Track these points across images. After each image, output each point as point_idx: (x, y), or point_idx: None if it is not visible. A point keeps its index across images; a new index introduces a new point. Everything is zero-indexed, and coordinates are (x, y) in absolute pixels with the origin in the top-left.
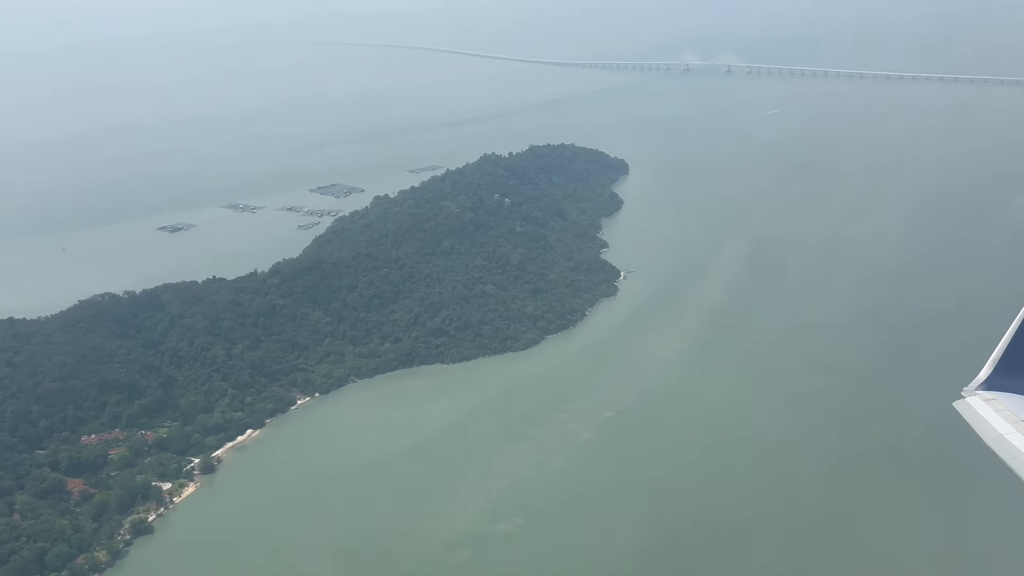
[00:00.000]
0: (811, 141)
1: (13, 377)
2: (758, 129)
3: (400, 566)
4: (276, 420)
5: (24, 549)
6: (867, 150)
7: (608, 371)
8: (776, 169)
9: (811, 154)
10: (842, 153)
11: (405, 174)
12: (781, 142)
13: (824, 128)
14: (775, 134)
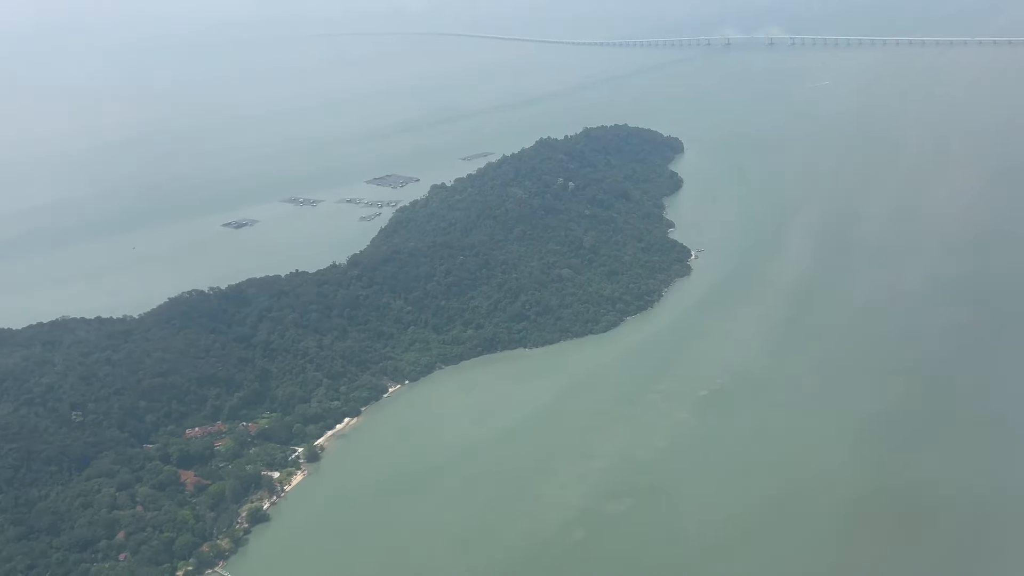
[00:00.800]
0: (867, 111)
1: (115, 374)
2: (812, 101)
3: (516, 548)
4: (371, 408)
5: (153, 539)
6: (925, 118)
7: (693, 350)
8: (836, 141)
9: (869, 124)
10: (900, 122)
11: (458, 162)
12: (837, 114)
13: (878, 97)
14: (830, 106)
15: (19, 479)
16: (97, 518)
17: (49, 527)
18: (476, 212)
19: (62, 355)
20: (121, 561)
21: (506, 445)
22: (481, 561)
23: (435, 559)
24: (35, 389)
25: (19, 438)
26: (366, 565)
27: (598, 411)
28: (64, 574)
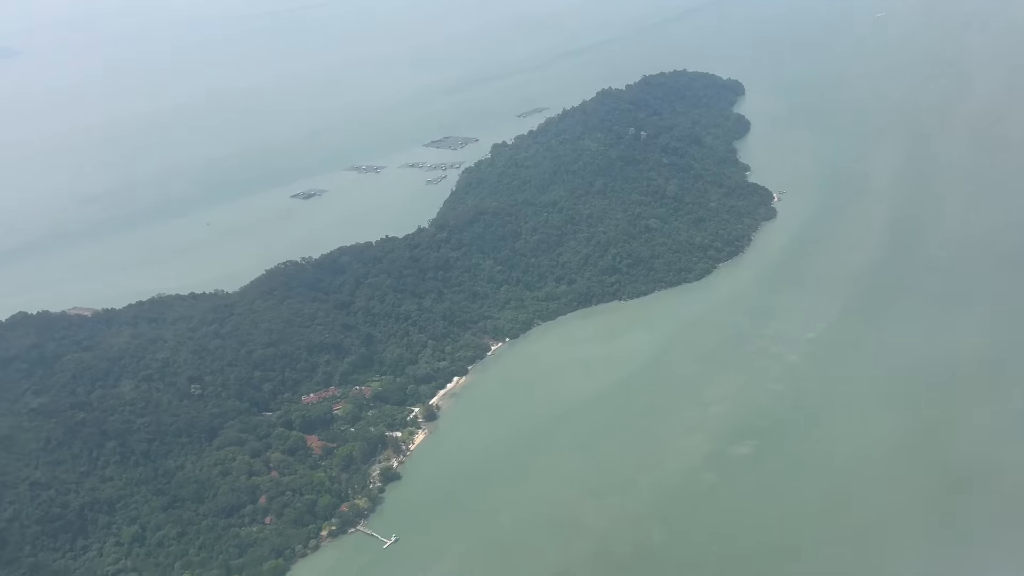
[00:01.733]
0: (930, 41)
1: (225, 347)
2: (870, 34)
3: (649, 495)
4: (478, 366)
5: (295, 502)
6: (990, 44)
7: (792, 294)
8: (902, 73)
9: (934, 54)
10: (966, 50)
11: (513, 119)
12: (899, 46)
13: (939, 27)
14: (890, 38)
15: (154, 451)
16: (238, 484)
17: (193, 495)
18: (551, 168)
19: (171, 331)
20: (267, 524)
21: (621, 395)
22: (618, 509)
23: (573, 509)
24: (152, 365)
25: (147, 412)
26: (505, 517)
27: (707, 358)
28: (215, 539)
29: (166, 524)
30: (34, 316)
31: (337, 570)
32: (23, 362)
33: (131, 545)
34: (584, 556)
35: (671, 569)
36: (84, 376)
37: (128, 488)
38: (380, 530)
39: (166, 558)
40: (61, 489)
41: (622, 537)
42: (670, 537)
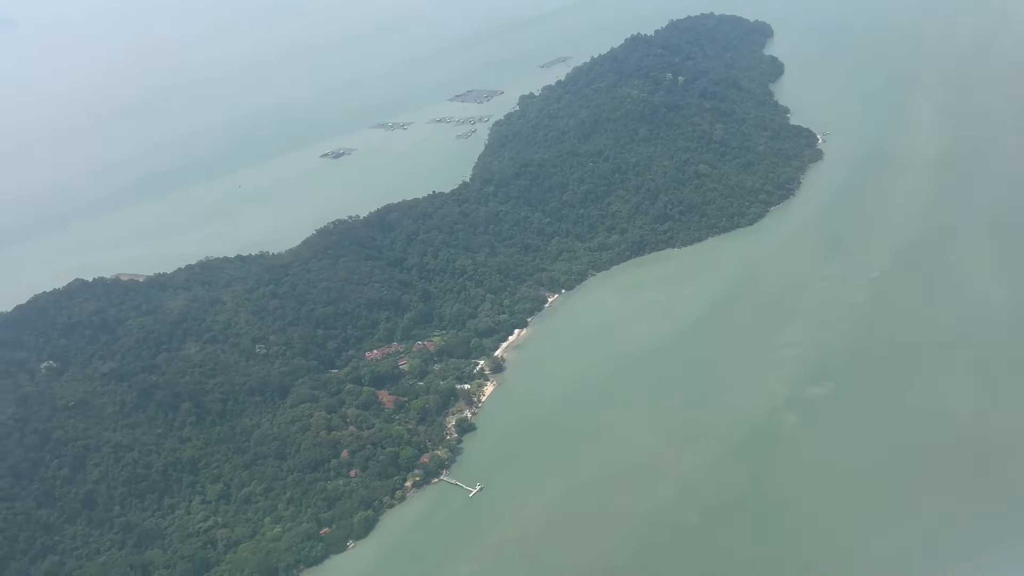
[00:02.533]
0: None
1: (285, 307)
2: None
3: (733, 438)
4: (537, 318)
5: (378, 455)
6: None
7: (850, 234)
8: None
9: None
10: None
11: (536, 70)
12: None
13: None
14: None
15: (228, 411)
16: (320, 440)
17: (275, 452)
18: (591, 117)
19: (228, 293)
20: (353, 477)
21: (688, 342)
22: (701, 454)
23: (655, 455)
24: (214, 327)
25: (217, 373)
26: (587, 464)
27: (771, 302)
28: (302, 494)
29: (251, 481)
30: (91, 283)
31: (427, 519)
32: (86, 328)
33: (217, 502)
34: (671, 501)
35: (760, 512)
36: (148, 340)
37: (207, 448)
38: (464, 479)
39: (255, 513)
40: (143, 451)
41: (708, 481)
42: (757, 480)
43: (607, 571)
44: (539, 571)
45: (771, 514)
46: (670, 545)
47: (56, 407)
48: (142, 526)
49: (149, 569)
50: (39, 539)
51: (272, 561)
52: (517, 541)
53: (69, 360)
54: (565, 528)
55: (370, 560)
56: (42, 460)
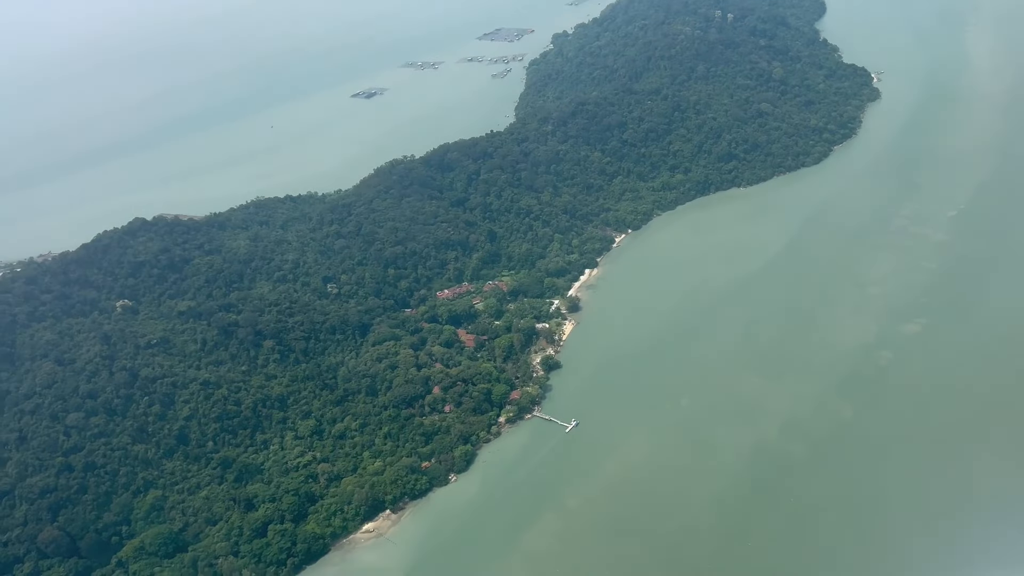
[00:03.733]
0: None
1: (352, 247)
2: None
3: (830, 374)
4: (606, 258)
5: (471, 391)
6: None
7: (918, 174)
8: None
9: None
10: None
11: (565, 7)
12: None
13: None
14: None
15: (311, 349)
16: (411, 377)
17: (367, 388)
18: (643, 55)
19: (293, 233)
20: (448, 413)
21: (768, 280)
22: (799, 389)
23: (751, 390)
24: (283, 266)
25: (296, 312)
26: (684, 398)
27: (849, 240)
28: (398, 429)
29: (344, 417)
30: (151, 222)
31: (526, 454)
32: (153, 267)
33: (311, 438)
34: (775, 434)
35: (868, 446)
36: (218, 279)
37: (294, 385)
38: (557, 415)
39: (352, 448)
40: (232, 388)
41: (812, 416)
42: (861, 415)
43: (719, 504)
44: (647, 504)
45: (880, 448)
46: (780, 478)
47: (139, 345)
48: (239, 461)
49: (253, 502)
50: (140, 474)
51: (379, 494)
52: (621, 475)
53: (138, 299)
54: (669, 462)
55: (475, 493)
56: (132, 397)
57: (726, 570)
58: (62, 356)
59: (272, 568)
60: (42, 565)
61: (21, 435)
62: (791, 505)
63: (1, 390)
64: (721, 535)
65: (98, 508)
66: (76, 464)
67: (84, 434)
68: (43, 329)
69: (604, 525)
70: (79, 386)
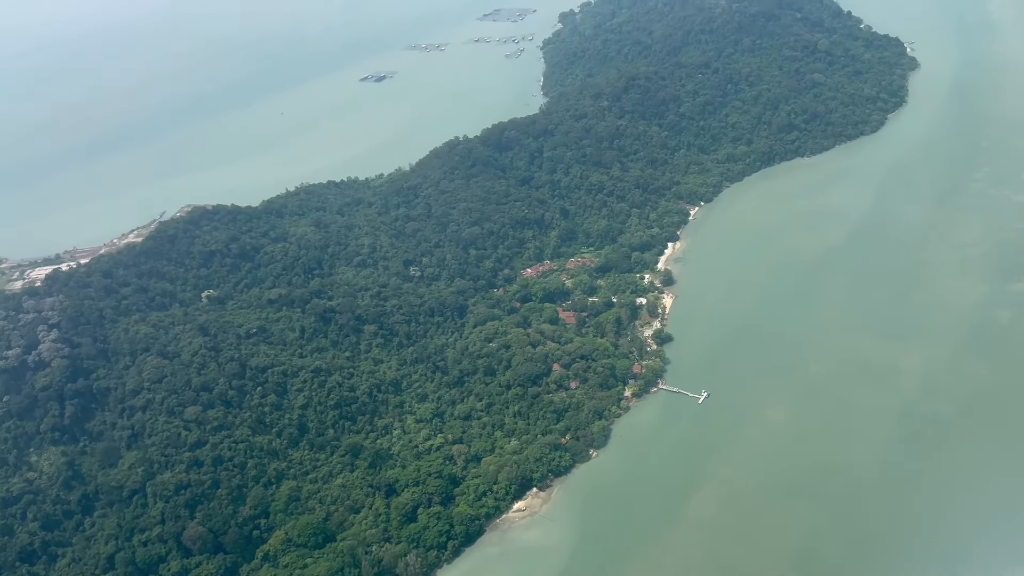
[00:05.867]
0: None
1: (426, 229)
2: None
3: (953, 333)
4: (686, 231)
5: (595, 367)
6: None
7: (981, 136)
8: None
9: None
10: None
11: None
12: None
13: None
14: None
15: (413, 332)
16: (531, 355)
17: (485, 369)
18: (679, 30)
19: (361, 217)
20: (575, 389)
21: (860, 245)
22: (927, 350)
23: (878, 353)
24: (361, 251)
25: (390, 296)
26: (811, 366)
27: (930, 205)
28: (527, 407)
29: (465, 398)
30: (211, 210)
31: (664, 426)
32: (225, 256)
33: (434, 421)
34: (918, 395)
35: (1015, 404)
36: (296, 266)
37: (404, 368)
38: (684, 387)
39: (482, 428)
40: (343, 374)
41: (950, 376)
42: (999, 373)
43: (881, 465)
44: (805, 467)
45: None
46: (936, 438)
47: (240, 335)
48: (369, 447)
49: (395, 487)
50: (270, 465)
51: (524, 472)
52: (767, 441)
53: (214, 289)
54: (814, 425)
55: (622, 467)
56: (245, 388)
57: (904, 529)
58: (164, 349)
59: (434, 552)
60: (188, 564)
61: (134, 432)
62: (954, 465)
63: (101, 387)
64: (891, 495)
65: (234, 502)
66: (204, 458)
67: (204, 428)
68: (135, 323)
69: (766, 489)
70: (191, 379)
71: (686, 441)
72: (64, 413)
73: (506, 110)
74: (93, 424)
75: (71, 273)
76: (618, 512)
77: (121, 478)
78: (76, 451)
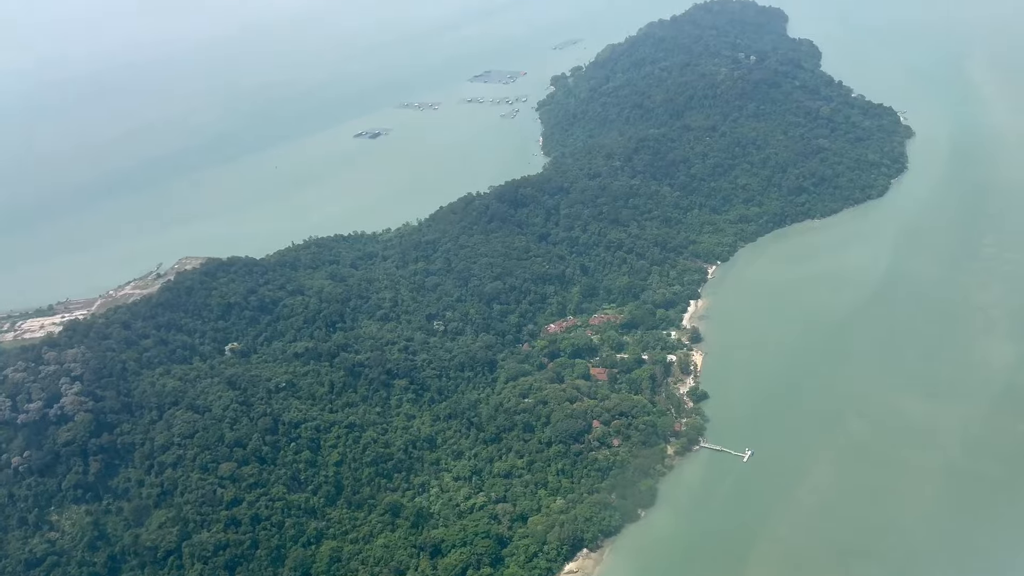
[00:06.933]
0: None
1: (446, 283)
2: None
3: (990, 393)
4: (705, 289)
5: (636, 424)
6: None
7: (986, 203)
8: None
9: None
10: None
11: (550, 52)
12: None
13: None
14: None
15: (444, 387)
16: (572, 412)
17: (522, 425)
18: (682, 94)
19: (380, 271)
20: (617, 447)
21: (884, 304)
22: (966, 409)
23: (918, 411)
24: (383, 304)
25: (417, 350)
26: (852, 423)
27: (948, 267)
28: (571, 465)
29: (504, 455)
30: (227, 262)
31: (711, 485)
32: (244, 308)
33: (473, 478)
34: (962, 453)
35: None
36: (317, 319)
37: (438, 424)
38: (727, 445)
39: (525, 487)
40: (377, 430)
41: (990, 434)
42: None
43: (935, 524)
44: (860, 526)
45: None
46: (983, 497)
47: (270, 389)
48: (409, 506)
49: (440, 548)
50: (308, 524)
51: (576, 532)
52: (818, 500)
53: (233, 341)
54: (863, 484)
55: (674, 527)
56: (279, 444)
57: None
58: (194, 403)
59: None
60: None
61: (163, 490)
62: (1006, 523)
63: (125, 442)
64: (945, 554)
65: (274, 563)
66: (241, 517)
67: (240, 485)
68: (161, 376)
69: (826, 549)
70: (223, 434)
71: (736, 500)
72: (88, 470)
73: (508, 168)
74: (117, 481)
75: (90, 324)
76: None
77: (154, 538)
78: (100, 509)
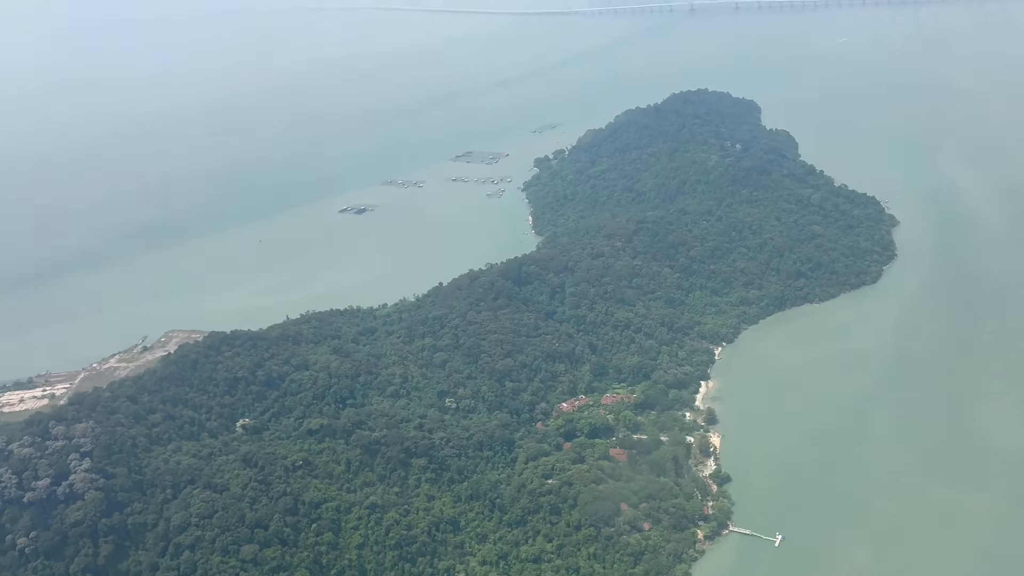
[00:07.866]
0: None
1: (455, 359)
2: (846, 57)
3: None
4: (714, 370)
5: (665, 507)
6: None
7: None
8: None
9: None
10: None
11: (528, 135)
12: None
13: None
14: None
15: (466, 467)
16: (600, 493)
17: (550, 507)
18: (675, 179)
19: (388, 346)
20: (647, 531)
21: (896, 387)
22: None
23: (946, 496)
24: (393, 380)
25: (433, 428)
26: (879, 505)
27: (953, 351)
28: (603, 549)
29: (532, 538)
30: (229, 335)
31: (745, 570)
32: (250, 383)
33: (500, 563)
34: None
35: None
36: (327, 395)
37: (459, 506)
38: (755, 529)
39: (555, 572)
40: (400, 511)
41: (1018, 518)
42: None
43: None
44: None
45: None
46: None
47: (287, 468)
48: None
49: None
50: None
51: None
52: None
53: (238, 417)
54: (900, 569)
55: None
56: (299, 524)
57: None
58: (211, 482)
59: None
60: None
61: (181, 573)
62: None
63: (136, 523)
64: None
65: None
66: None
67: (263, 568)
68: (173, 453)
69: None
70: (244, 514)
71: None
72: (98, 552)
73: (500, 245)
74: (127, 564)
75: (97, 397)
76: None
77: None
78: None
